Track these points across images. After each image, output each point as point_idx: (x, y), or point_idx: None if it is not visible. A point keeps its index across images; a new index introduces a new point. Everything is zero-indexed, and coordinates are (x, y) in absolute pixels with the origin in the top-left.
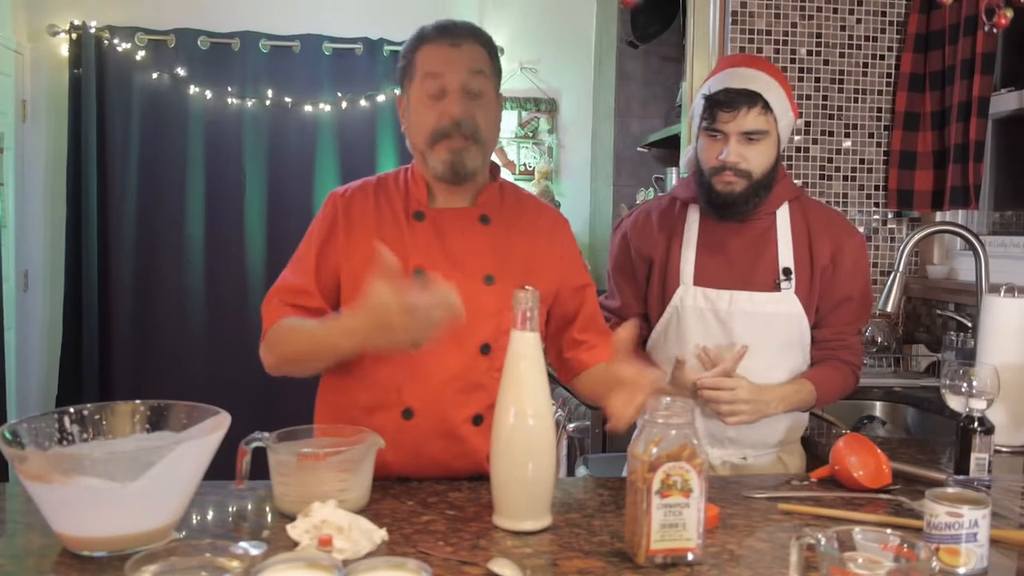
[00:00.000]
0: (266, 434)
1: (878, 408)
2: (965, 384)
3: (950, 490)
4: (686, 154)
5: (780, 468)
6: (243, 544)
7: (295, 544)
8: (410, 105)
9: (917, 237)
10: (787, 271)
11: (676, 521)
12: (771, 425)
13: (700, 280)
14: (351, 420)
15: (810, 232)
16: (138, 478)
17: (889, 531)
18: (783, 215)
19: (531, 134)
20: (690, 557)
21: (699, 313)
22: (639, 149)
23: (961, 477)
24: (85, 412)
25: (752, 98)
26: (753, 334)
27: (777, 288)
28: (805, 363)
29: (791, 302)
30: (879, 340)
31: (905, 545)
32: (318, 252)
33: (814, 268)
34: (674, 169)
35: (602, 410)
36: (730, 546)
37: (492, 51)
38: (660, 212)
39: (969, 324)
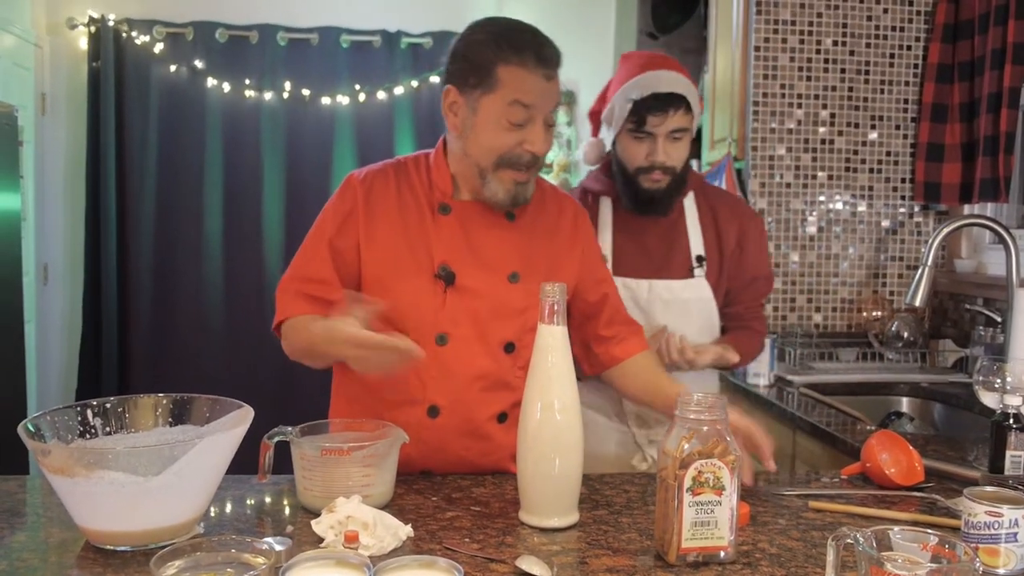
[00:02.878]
0: (289, 428)
1: (905, 404)
2: (999, 380)
3: (989, 489)
4: (585, 147)
5: None
6: (268, 540)
7: (319, 540)
8: (478, 115)
9: (947, 230)
10: (700, 258)
11: (708, 519)
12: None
13: (619, 270)
14: (372, 415)
15: (716, 219)
16: (161, 472)
17: (930, 531)
18: (690, 204)
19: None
20: (722, 555)
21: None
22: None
23: (996, 475)
24: (108, 405)
25: (678, 101)
26: (671, 320)
27: (691, 274)
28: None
29: (704, 287)
30: (905, 335)
31: (946, 545)
32: (334, 236)
33: (723, 253)
34: (694, 161)
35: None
36: (762, 544)
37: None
38: None
39: (999, 319)
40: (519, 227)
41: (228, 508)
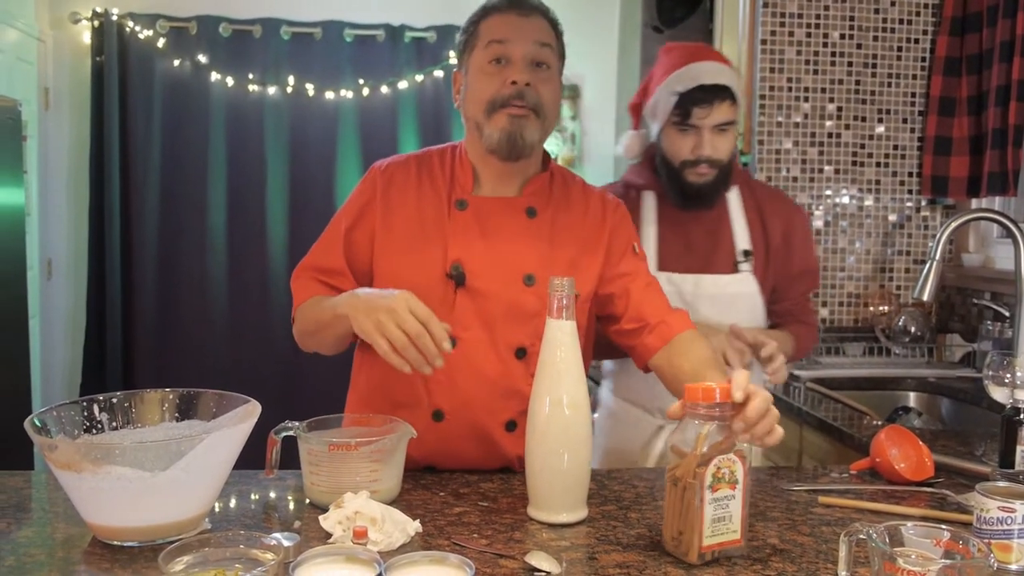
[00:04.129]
0: (296, 423)
1: (912, 399)
2: (1009, 375)
3: (1001, 484)
4: (626, 141)
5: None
6: (276, 535)
7: (327, 535)
8: (469, 74)
9: (955, 224)
10: (746, 252)
11: (724, 514)
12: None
13: (664, 265)
14: (381, 411)
15: (762, 213)
16: (168, 467)
17: (943, 526)
18: (734, 198)
19: None
20: (736, 549)
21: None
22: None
23: (1007, 470)
24: (114, 400)
25: (723, 92)
26: (717, 315)
27: (736, 269)
28: None
29: (749, 282)
30: (912, 330)
31: (959, 541)
32: (350, 227)
33: (769, 247)
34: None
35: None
36: (772, 540)
37: (558, 29)
38: None
39: (1007, 313)
40: (539, 226)
41: (235, 503)
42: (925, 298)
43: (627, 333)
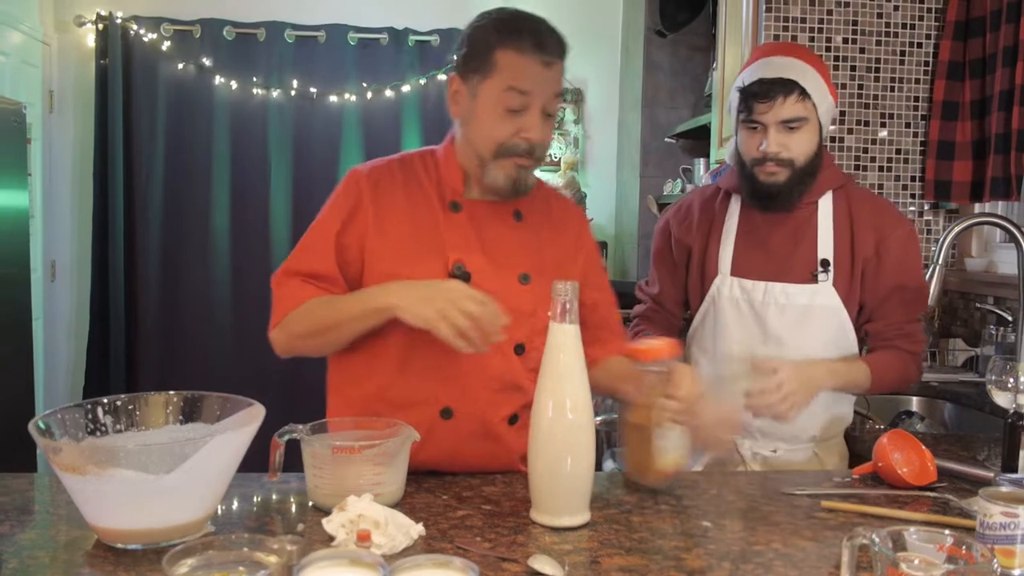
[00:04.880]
0: (300, 426)
1: (915, 403)
2: (1012, 380)
3: (1004, 489)
4: (729, 146)
5: (816, 464)
6: (280, 538)
7: (330, 538)
8: (478, 102)
9: (959, 228)
10: (825, 263)
11: (669, 445)
12: (805, 418)
13: (737, 271)
14: (377, 415)
15: (853, 223)
16: (173, 470)
17: (946, 531)
18: (826, 205)
19: (557, 124)
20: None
21: (735, 303)
22: (667, 140)
23: (1010, 475)
24: (119, 403)
25: (788, 86)
26: (786, 326)
27: (814, 280)
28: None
29: (828, 295)
30: None
31: (962, 546)
32: (340, 232)
33: (855, 260)
34: (702, 160)
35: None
36: (775, 544)
37: (565, 65)
38: (703, 202)
39: (1010, 318)
40: (527, 228)
41: (238, 506)
42: (928, 303)
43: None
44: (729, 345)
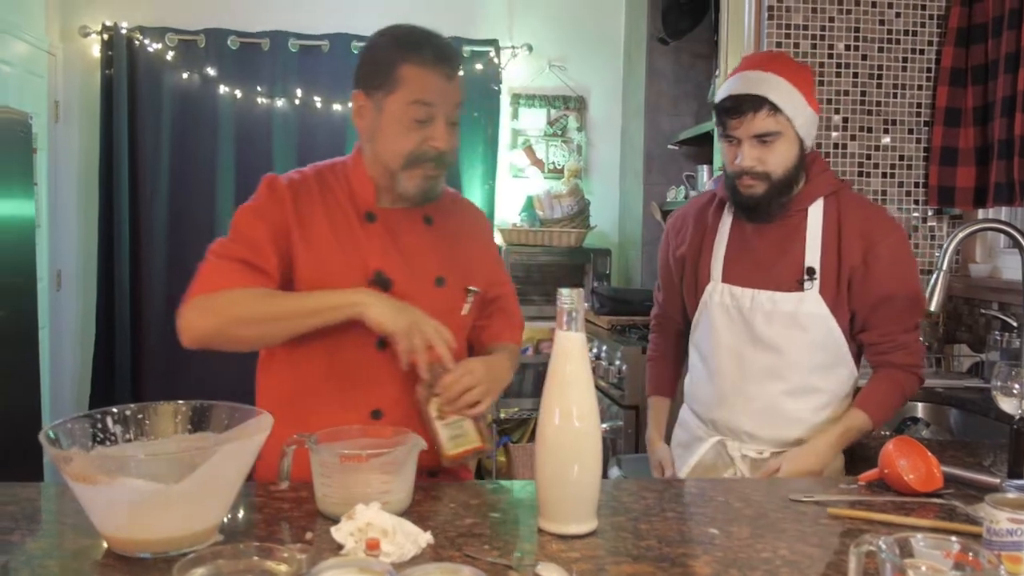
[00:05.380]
0: (307, 435)
1: (920, 409)
2: (1017, 385)
3: (1011, 495)
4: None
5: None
6: (289, 546)
7: (339, 547)
8: (384, 116)
9: (962, 234)
10: (811, 270)
11: (459, 432)
12: (788, 423)
13: (728, 277)
14: (306, 418)
15: (841, 230)
16: (182, 479)
17: (953, 538)
18: (816, 212)
19: (560, 132)
20: (480, 452)
21: (725, 309)
22: (669, 147)
23: (1016, 482)
24: (128, 412)
25: (756, 102)
26: (774, 332)
27: (800, 287)
28: (844, 364)
29: (814, 302)
30: (920, 340)
31: (969, 553)
32: (269, 235)
33: (842, 268)
34: (705, 167)
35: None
36: (781, 551)
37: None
38: (697, 211)
39: (1015, 324)
40: (437, 232)
41: (247, 515)
42: (932, 308)
43: (474, 328)
44: (719, 352)
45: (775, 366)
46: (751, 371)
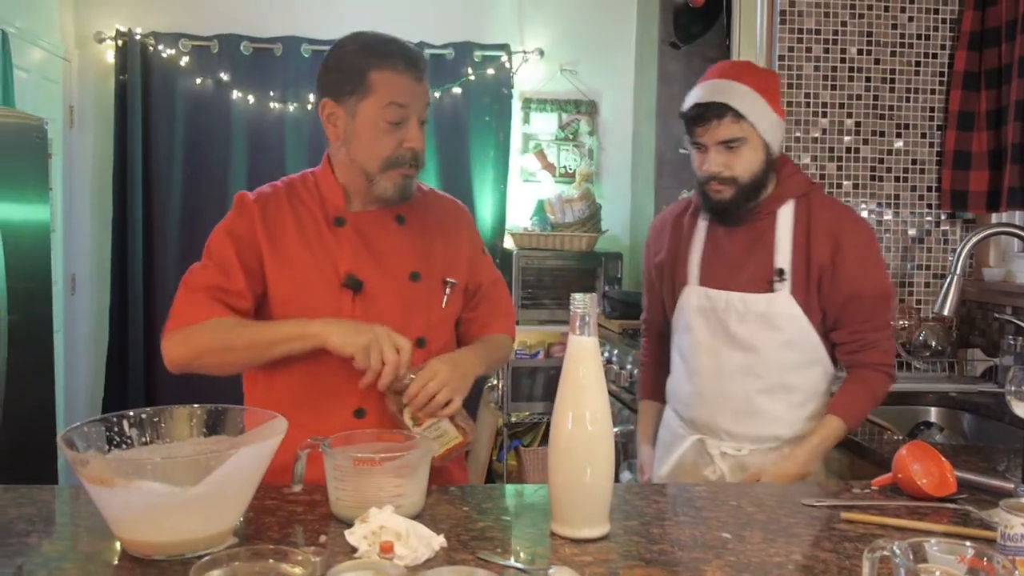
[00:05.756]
0: (321, 438)
1: (933, 414)
2: None
3: None
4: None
5: None
6: (303, 549)
7: (353, 550)
8: (357, 122)
9: (976, 238)
10: (780, 272)
11: (440, 432)
12: (765, 420)
13: (704, 280)
14: (293, 415)
15: (810, 231)
16: (198, 482)
17: (967, 543)
18: (786, 214)
19: (571, 136)
20: (464, 447)
21: (701, 311)
22: (681, 151)
23: None
24: (143, 416)
25: (719, 109)
26: (747, 332)
27: (771, 288)
28: (819, 362)
29: (785, 302)
30: (933, 344)
31: (983, 558)
32: (238, 254)
33: (811, 268)
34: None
35: None
36: (795, 556)
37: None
38: (674, 218)
39: None
40: (411, 229)
41: (261, 518)
42: (946, 312)
43: (463, 320)
44: (698, 351)
45: (751, 365)
46: (728, 370)
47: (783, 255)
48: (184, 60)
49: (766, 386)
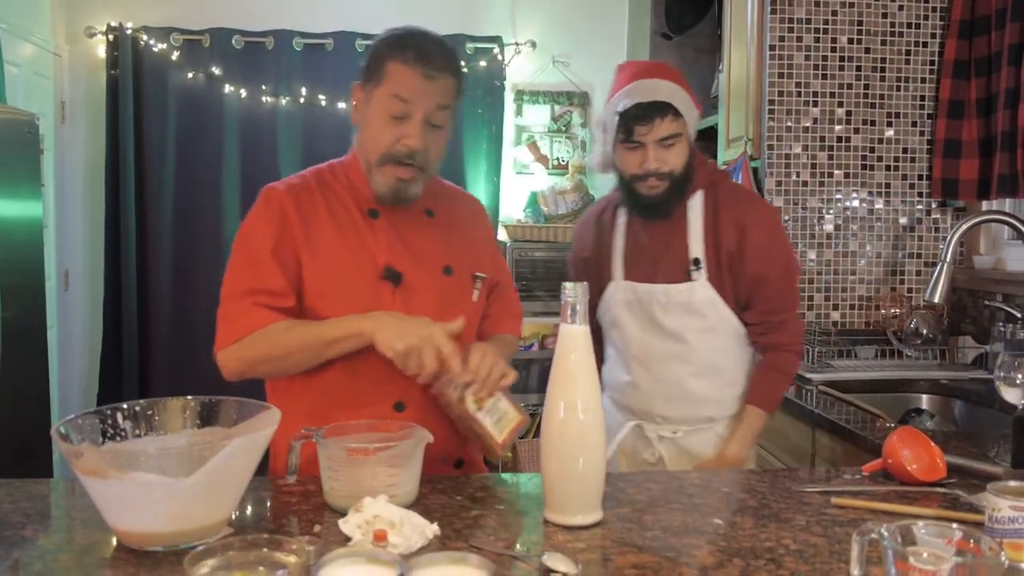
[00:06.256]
0: (315, 429)
1: (925, 401)
2: (1020, 376)
3: (1012, 483)
4: (595, 158)
5: (721, 444)
6: (297, 538)
7: (347, 539)
8: (369, 109)
9: (966, 226)
10: (696, 261)
11: (500, 414)
12: (697, 403)
13: (628, 275)
14: (332, 407)
15: (717, 219)
16: (192, 473)
17: (954, 525)
18: (696, 204)
19: (564, 128)
20: (523, 428)
21: (628, 305)
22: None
23: (1019, 470)
24: (137, 408)
25: (663, 108)
26: (673, 321)
27: (689, 278)
28: (742, 344)
29: (704, 289)
30: (924, 332)
31: (971, 540)
32: (273, 250)
33: (721, 255)
34: (710, 161)
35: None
36: (785, 541)
37: (461, 79)
38: (597, 216)
39: (1019, 315)
40: (439, 223)
41: (255, 508)
42: (936, 300)
43: (482, 316)
44: (628, 343)
45: (680, 352)
46: (659, 359)
47: (696, 245)
48: (175, 54)
49: (696, 370)
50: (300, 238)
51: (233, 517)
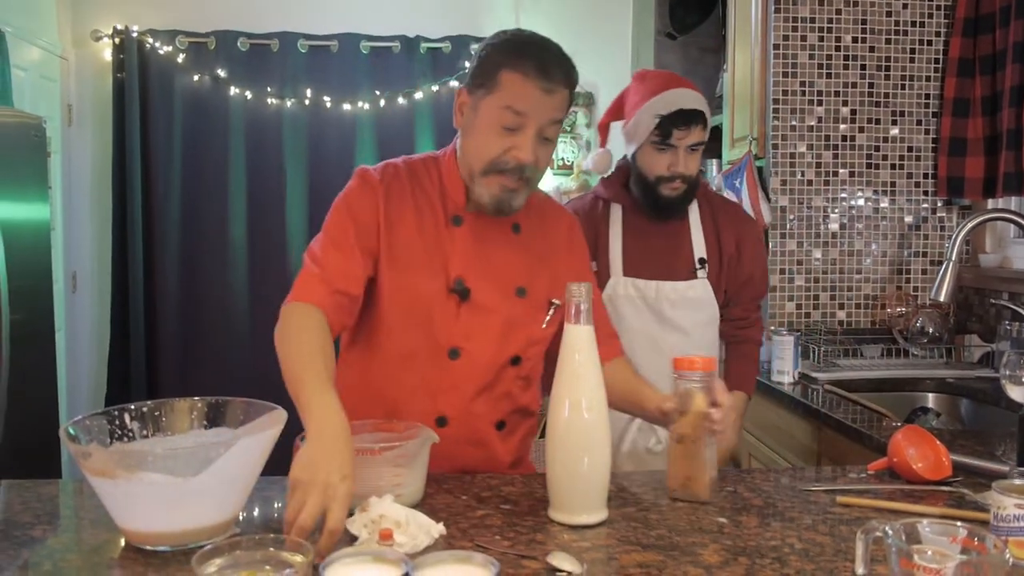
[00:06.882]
0: None
1: (931, 399)
2: None
3: (1017, 481)
4: (594, 157)
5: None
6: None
7: (353, 538)
8: (478, 116)
9: (971, 224)
10: (702, 260)
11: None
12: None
13: (628, 271)
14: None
15: (717, 224)
16: (199, 473)
17: (959, 524)
18: (694, 210)
19: (568, 128)
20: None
21: (631, 300)
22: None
23: None
24: (145, 409)
25: (699, 117)
26: (679, 315)
27: (695, 276)
28: (714, 335)
29: (705, 287)
30: (930, 331)
31: (975, 538)
32: (357, 233)
33: (722, 257)
34: (715, 161)
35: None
36: (790, 539)
37: (574, 92)
38: (586, 214)
39: None
40: (523, 241)
41: (262, 508)
42: (942, 299)
43: None
44: (632, 336)
45: (684, 345)
46: (665, 351)
47: (699, 246)
48: (181, 57)
49: None
50: (384, 228)
51: (240, 517)
